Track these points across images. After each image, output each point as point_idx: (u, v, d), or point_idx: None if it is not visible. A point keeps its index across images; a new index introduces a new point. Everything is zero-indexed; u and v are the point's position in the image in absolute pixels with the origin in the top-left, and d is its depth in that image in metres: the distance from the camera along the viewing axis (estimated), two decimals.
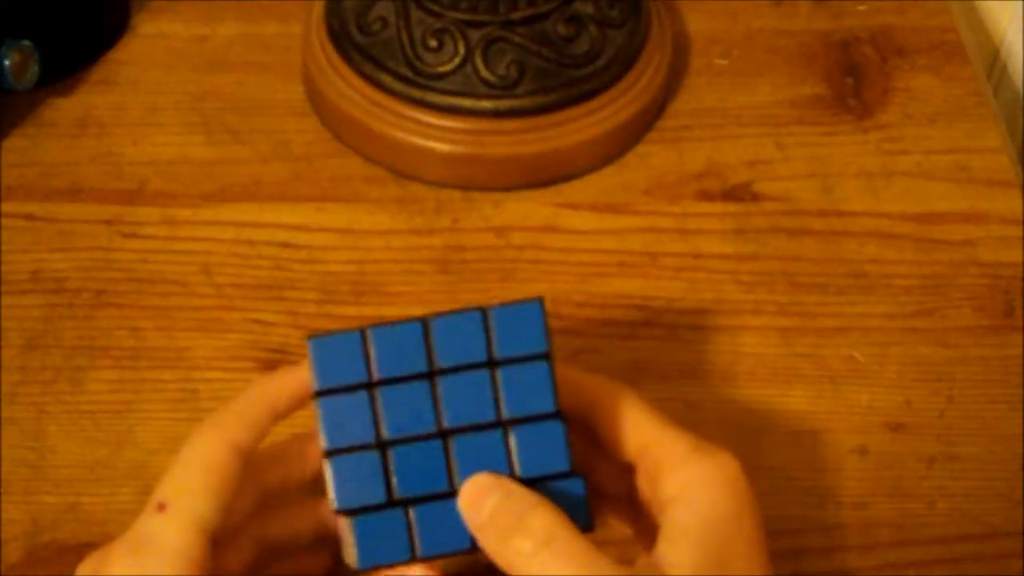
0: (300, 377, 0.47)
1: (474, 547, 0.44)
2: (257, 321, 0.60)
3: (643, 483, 0.46)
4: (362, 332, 0.43)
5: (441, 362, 0.43)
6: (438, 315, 0.44)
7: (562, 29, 0.65)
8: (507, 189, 0.66)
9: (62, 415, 0.57)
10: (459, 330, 0.43)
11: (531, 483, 0.44)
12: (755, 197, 0.66)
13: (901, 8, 0.74)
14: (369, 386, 0.44)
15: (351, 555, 0.44)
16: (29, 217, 0.64)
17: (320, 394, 0.44)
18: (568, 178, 0.66)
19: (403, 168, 0.66)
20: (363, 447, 0.44)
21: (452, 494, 0.44)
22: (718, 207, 0.65)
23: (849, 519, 0.55)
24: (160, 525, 0.44)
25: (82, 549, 0.52)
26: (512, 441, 0.44)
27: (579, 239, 0.64)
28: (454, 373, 0.43)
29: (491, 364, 0.44)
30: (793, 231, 0.65)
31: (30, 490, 0.55)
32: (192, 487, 0.45)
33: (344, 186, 0.66)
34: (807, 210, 0.65)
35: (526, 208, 0.65)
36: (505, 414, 0.44)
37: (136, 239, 0.63)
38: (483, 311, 0.44)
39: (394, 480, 0.44)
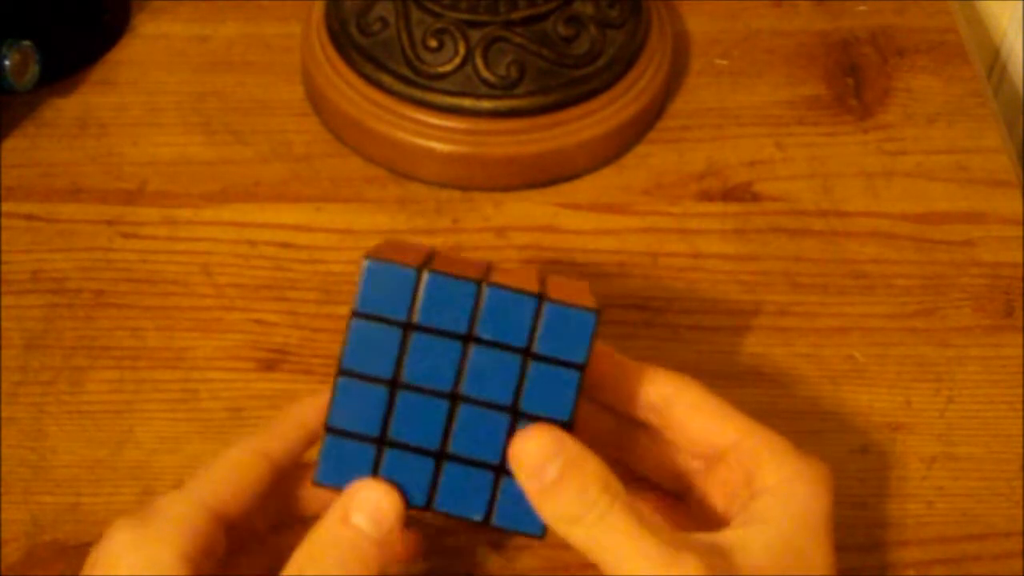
0: None
1: (426, 507, 0.44)
2: (257, 321, 0.60)
3: (729, 473, 0.46)
4: (418, 272, 0.43)
5: (481, 332, 0.43)
6: (494, 285, 0.43)
7: (562, 29, 0.65)
8: (507, 189, 0.66)
9: (62, 415, 0.57)
10: (509, 308, 0.43)
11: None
12: (755, 197, 0.66)
13: (901, 8, 0.74)
14: (405, 326, 0.43)
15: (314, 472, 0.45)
16: (29, 217, 0.64)
17: (356, 315, 0.44)
18: (568, 178, 0.66)
19: (403, 168, 0.66)
20: (376, 380, 0.44)
21: (435, 455, 0.44)
22: (718, 207, 0.65)
23: (849, 519, 0.55)
24: (172, 497, 0.45)
25: (82, 549, 0.52)
26: (516, 430, 0.44)
27: (579, 239, 0.64)
28: (489, 347, 0.43)
29: (527, 353, 0.43)
30: (793, 231, 0.65)
31: (30, 490, 0.55)
32: (213, 475, 0.46)
33: (344, 186, 0.66)
34: (807, 210, 0.65)
35: (526, 208, 0.65)
36: (520, 405, 0.44)
37: (136, 239, 0.63)
38: (539, 299, 0.43)
39: (391, 421, 0.44)
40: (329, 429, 0.44)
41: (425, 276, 0.43)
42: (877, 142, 0.68)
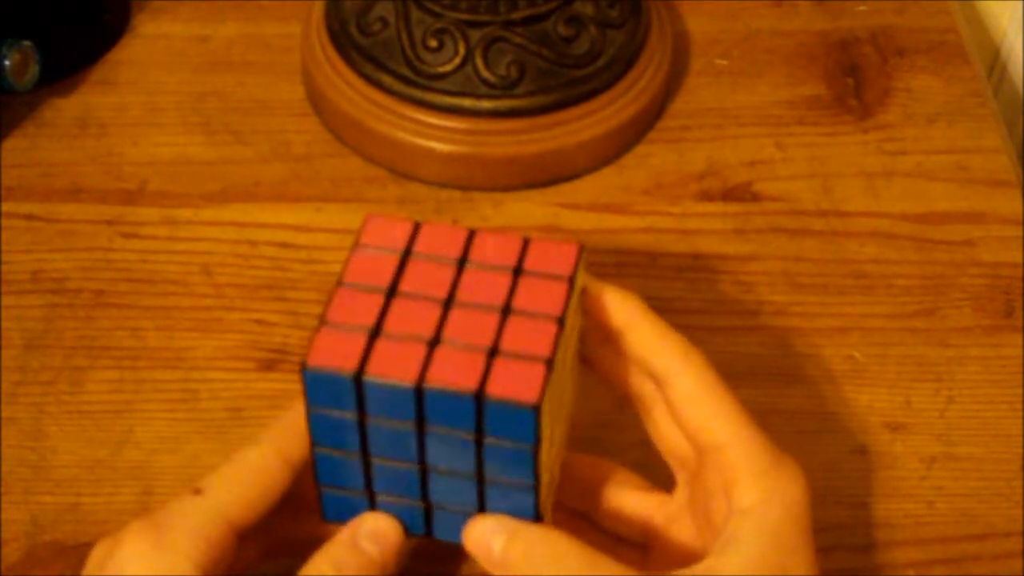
0: None
1: (426, 535, 0.46)
2: (257, 321, 0.60)
3: (711, 474, 0.46)
4: (356, 378, 0.42)
5: (430, 424, 0.43)
6: (432, 387, 0.42)
7: (562, 29, 0.65)
8: (507, 189, 0.66)
9: (62, 415, 0.57)
10: (450, 406, 0.43)
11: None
12: (755, 197, 0.66)
13: (901, 8, 0.74)
14: (359, 414, 0.44)
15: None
16: (29, 217, 0.64)
17: (310, 408, 0.44)
18: (568, 178, 0.66)
19: (403, 168, 0.66)
20: (348, 453, 0.45)
21: (421, 502, 0.46)
22: (718, 207, 0.65)
23: (849, 519, 0.55)
24: (189, 505, 0.45)
25: (82, 549, 0.52)
26: (486, 490, 0.45)
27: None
28: (441, 432, 0.43)
29: (479, 436, 0.43)
30: (793, 231, 0.65)
31: (30, 490, 0.55)
32: (234, 483, 0.46)
33: (344, 186, 0.66)
34: (807, 210, 0.65)
35: (526, 208, 0.65)
36: (485, 473, 0.44)
37: (136, 239, 0.63)
38: (477, 398, 0.42)
39: (373, 482, 0.45)
40: (320, 485, 0.46)
41: (363, 381, 0.43)
42: (877, 142, 0.68)
